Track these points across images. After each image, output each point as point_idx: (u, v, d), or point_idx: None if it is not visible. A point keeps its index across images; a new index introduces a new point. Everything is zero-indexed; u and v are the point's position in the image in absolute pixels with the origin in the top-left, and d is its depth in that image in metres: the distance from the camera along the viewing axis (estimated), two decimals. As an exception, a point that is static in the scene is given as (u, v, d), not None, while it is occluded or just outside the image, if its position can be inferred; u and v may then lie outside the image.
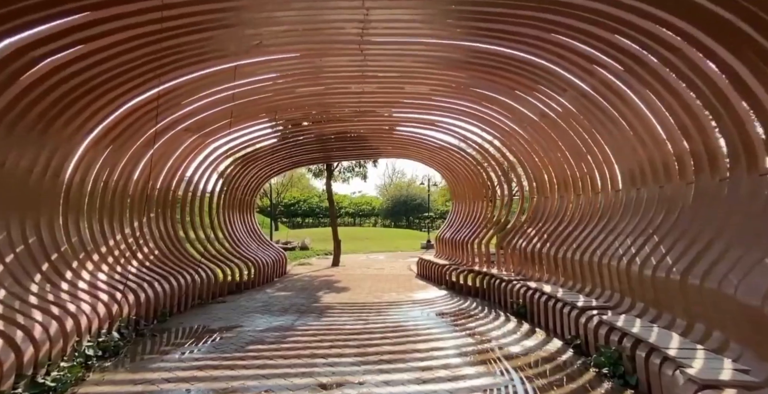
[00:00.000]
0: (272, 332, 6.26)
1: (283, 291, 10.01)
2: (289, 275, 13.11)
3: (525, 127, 7.99)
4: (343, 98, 8.76)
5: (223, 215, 10.80)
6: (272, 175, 13.24)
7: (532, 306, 6.98)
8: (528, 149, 8.60)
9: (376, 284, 11.20)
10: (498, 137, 9.12)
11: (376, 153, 13.22)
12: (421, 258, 12.90)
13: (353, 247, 24.63)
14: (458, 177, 12.22)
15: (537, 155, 8.43)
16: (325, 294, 9.64)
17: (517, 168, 9.65)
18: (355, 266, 15.68)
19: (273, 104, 8.35)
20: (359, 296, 9.32)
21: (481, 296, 9.17)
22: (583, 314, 5.34)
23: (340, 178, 17.63)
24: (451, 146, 10.85)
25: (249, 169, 11.35)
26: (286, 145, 11.11)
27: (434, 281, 11.37)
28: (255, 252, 11.28)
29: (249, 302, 8.65)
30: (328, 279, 12.14)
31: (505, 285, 8.15)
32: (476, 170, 11.10)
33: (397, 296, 9.39)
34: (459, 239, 11.43)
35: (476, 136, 9.66)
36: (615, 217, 6.22)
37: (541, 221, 8.54)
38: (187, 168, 8.97)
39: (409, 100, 8.75)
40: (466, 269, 10.03)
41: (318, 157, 13.15)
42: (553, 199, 8.38)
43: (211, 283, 8.75)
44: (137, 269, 7.03)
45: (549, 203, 8.51)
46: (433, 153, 11.69)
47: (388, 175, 66.45)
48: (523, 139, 8.43)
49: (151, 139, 7.22)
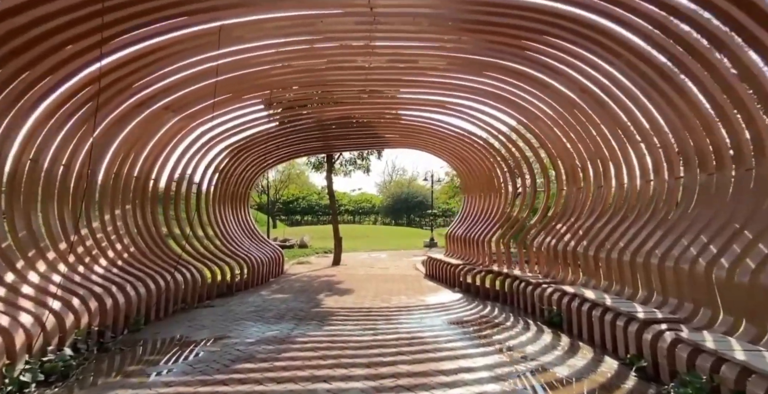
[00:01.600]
0: (264, 345, 5.22)
1: (280, 293, 8.97)
2: (287, 274, 12.07)
3: (557, 106, 6.94)
4: (347, 75, 7.69)
5: (213, 209, 9.74)
6: (268, 165, 12.18)
7: (569, 315, 5.95)
8: (559, 134, 7.55)
9: (382, 285, 10.16)
10: (522, 121, 8.06)
11: (381, 143, 12.15)
12: (430, 257, 11.86)
13: (354, 245, 23.63)
14: (472, 168, 11.16)
15: (569, 140, 7.38)
16: (326, 297, 8.60)
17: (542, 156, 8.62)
18: (357, 265, 14.65)
19: (266, 81, 7.28)
20: (365, 300, 8.28)
21: (502, 301, 8.14)
22: (648, 329, 4.31)
23: (341, 171, 16.55)
24: (465, 133, 9.78)
25: (242, 158, 10.29)
26: (283, 132, 10.04)
27: (446, 282, 10.33)
28: (249, 250, 10.24)
29: (240, 306, 7.61)
30: (329, 280, 11.11)
31: (533, 289, 7.12)
32: (493, 160, 10.05)
33: (407, 299, 8.36)
34: (473, 236, 10.39)
35: (496, 120, 8.60)
36: (678, 209, 5.18)
37: (573, 215, 7.50)
38: (170, 155, 7.90)
39: (422, 78, 7.68)
40: (483, 270, 8.99)
41: (318, 146, 12.08)
42: (588, 190, 7.34)
43: (198, 284, 7.70)
44: (106, 270, 5.98)
45: (582, 195, 7.47)
46: (445, 141, 10.63)
47: (388, 172, 65.46)
48: (553, 121, 7.37)
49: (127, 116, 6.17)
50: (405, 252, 21.36)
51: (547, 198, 8.53)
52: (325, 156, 15.65)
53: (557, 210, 8.17)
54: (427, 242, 26.50)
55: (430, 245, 26.06)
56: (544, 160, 8.72)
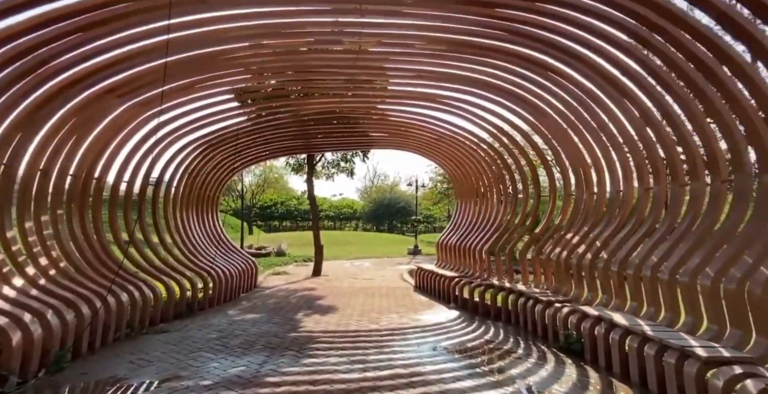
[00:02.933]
0: (225, 391, 4.07)
1: (250, 313, 7.76)
2: (261, 288, 10.82)
3: (570, 100, 6.09)
4: (333, 60, 6.66)
5: (174, 214, 8.46)
6: (242, 166, 10.95)
7: (593, 342, 5.04)
8: (570, 132, 6.71)
9: (368, 300, 9.08)
10: (527, 118, 7.19)
11: (367, 143, 11.12)
12: (421, 268, 10.86)
13: (335, 252, 22.42)
14: (468, 171, 10.27)
15: (582, 139, 6.55)
16: (305, 317, 7.45)
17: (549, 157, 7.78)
18: (340, 276, 13.50)
19: (232, 63, 6.16)
20: (351, 320, 7.18)
21: (505, 320, 7.19)
22: (717, 372, 3.40)
23: (323, 174, 15.41)
24: (461, 131, 8.87)
25: (210, 156, 9.05)
26: (257, 128, 8.89)
27: (439, 296, 9.34)
28: (215, 261, 8.97)
29: (201, 330, 6.38)
30: (308, 294, 9.93)
31: (543, 308, 6.20)
32: (491, 162, 9.16)
33: (399, 319, 7.30)
34: (468, 245, 9.45)
35: (497, 117, 7.71)
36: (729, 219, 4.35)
37: (586, 223, 6.64)
38: (118, 149, 6.64)
39: (416, 66, 6.72)
40: (482, 284, 8.04)
41: (297, 145, 10.96)
42: (602, 194, 6.51)
43: (149, 304, 6.43)
44: (21, 293, 4.69)
45: (596, 200, 6.63)
46: (439, 141, 9.70)
47: (369, 178, 64.49)
48: (564, 117, 6.53)
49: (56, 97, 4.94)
50: (389, 260, 20.33)
51: (553, 204, 7.69)
52: (306, 157, 14.52)
53: (565, 217, 7.33)
54: (411, 249, 25.56)
55: (414, 252, 25.13)
56: (550, 162, 7.89)
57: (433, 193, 38.00)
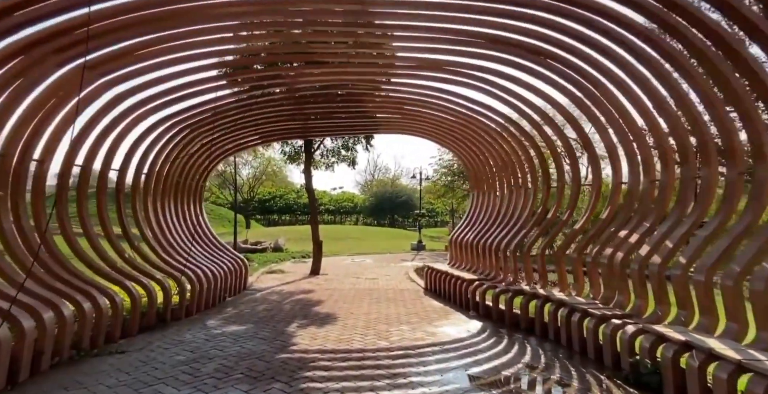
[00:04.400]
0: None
1: (234, 323, 6.51)
2: (252, 290, 9.57)
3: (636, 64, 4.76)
4: (334, 15, 5.32)
5: (145, 206, 7.17)
6: (229, 151, 9.63)
7: (678, 376, 3.80)
8: (626, 105, 5.39)
9: (374, 306, 7.83)
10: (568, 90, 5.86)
11: (371, 125, 9.79)
12: (431, 268, 9.61)
13: (335, 248, 21.21)
14: (487, 157, 8.95)
15: (644, 114, 5.23)
16: (299, 329, 6.20)
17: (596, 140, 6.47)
18: (341, 275, 12.26)
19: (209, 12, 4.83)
20: (354, 334, 5.93)
21: (540, 334, 5.94)
22: None
23: (322, 163, 14.09)
24: (483, 109, 7.53)
25: (189, 138, 7.73)
26: (245, 105, 7.57)
27: (454, 301, 8.10)
28: (196, 260, 7.71)
29: (168, 350, 5.13)
30: (305, 298, 8.69)
31: (596, 324, 4.95)
32: (517, 145, 7.84)
33: (411, 333, 6.05)
34: (488, 242, 8.17)
35: (530, 90, 6.37)
36: None
37: (647, 218, 5.35)
38: (65, 126, 5.32)
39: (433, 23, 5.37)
40: (509, 289, 6.77)
41: (293, 128, 9.64)
42: (670, 181, 5.21)
43: (104, 317, 5.17)
44: None
45: (664, 190, 5.32)
46: (457, 121, 8.35)
47: (370, 172, 63.13)
48: (621, 88, 5.20)
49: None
50: (392, 256, 19.10)
51: (597, 195, 6.38)
52: (303, 145, 13.21)
53: (613, 210, 6.04)
54: (414, 245, 24.33)
55: (418, 247, 23.91)
56: (594, 145, 6.57)
57: (436, 186, 36.73)
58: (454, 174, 33.09)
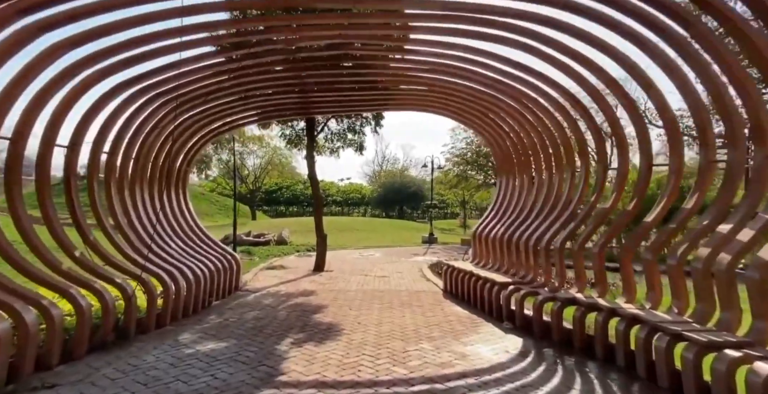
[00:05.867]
0: None
1: (214, 338, 5.23)
2: (244, 291, 8.33)
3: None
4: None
5: (108, 193, 5.86)
6: (219, 130, 8.28)
7: None
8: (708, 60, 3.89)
9: (386, 314, 6.51)
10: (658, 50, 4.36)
11: (382, 100, 8.33)
12: (452, 266, 8.25)
13: (342, 241, 20.01)
14: (518, 133, 7.48)
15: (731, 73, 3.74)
16: (292, 348, 4.91)
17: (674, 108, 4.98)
18: (347, 272, 10.99)
19: None
20: (361, 356, 4.62)
21: (604, 358, 4.56)
22: None
23: (326, 148, 12.71)
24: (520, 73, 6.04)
25: (161, 114, 6.37)
26: (232, 70, 6.18)
27: (482, 308, 6.74)
28: (176, 258, 6.45)
29: (114, 381, 3.86)
30: (305, 302, 7.41)
31: (700, 352, 3.55)
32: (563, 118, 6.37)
33: (435, 354, 4.71)
34: (525, 238, 6.75)
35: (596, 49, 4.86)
36: None
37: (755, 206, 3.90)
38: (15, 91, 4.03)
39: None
40: (558, 298, 5.38)
41: (292, 104, 8.26)
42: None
43: (31, 337, 3.91)
44: None
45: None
46: (484, 90, 6.87)
47: (378, 162, 61.62)
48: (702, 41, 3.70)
49: None
50: (402, 250, 17.82)
51: (678, 178, 4.89)
52: (305, 128, 11.83)
53: (702, 197, 4.58)
54: (425, 238, 23.00)
55: (430, 240, 22.57)
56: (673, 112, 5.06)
57: (447, 176, 35.14)
58: (468, 163, 31.52)
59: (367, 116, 11.97)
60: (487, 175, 32.76)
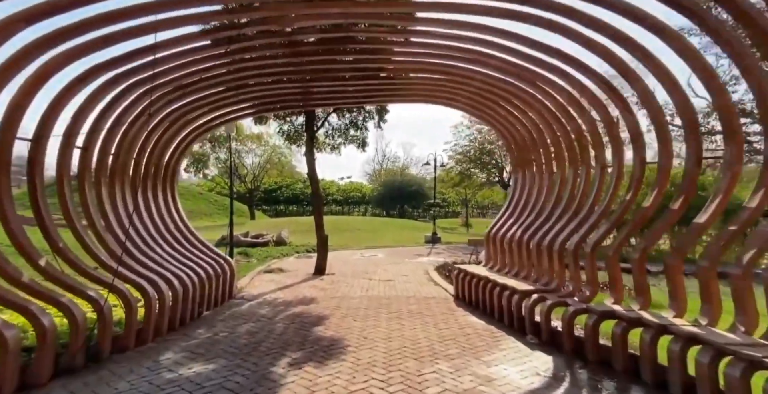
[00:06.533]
0: None
1: (199, 360, 4.57)
2: (239, 299, 7.67)
3: None
4: None
5: (81, 191, 5.20)
6: (210, 124, 7.61)
7: None
8: None
9: (394, 325, 5.85)
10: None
11: (388, 91, 7.66)
12: (465, 271, 7.59)
13: (343, 241, 19.39)
14: (537, 124, 6.82)
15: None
16: (290, 371, 4.25)
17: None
18: (349, 275, 10.34)
19: None
20: (370, 382, 3.95)
21: (654, 383, 3.90)
22: None
23: (326, 144, 12.04)
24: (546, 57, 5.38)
25: (141, 104, 5.70)
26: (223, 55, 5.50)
27: (500, 319, 6.09)
28: (160, 264, 5.78)
29: (81, 416, 3.23)
30: (304, 311, 6.75)
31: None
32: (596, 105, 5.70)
33: (455, 379, 4.05)
34: (549, 240, 6.08)
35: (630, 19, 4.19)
36: None
37: None
38: None
39: None
40: (593, 311, 4.72)
41: (290, 95, 7.58)
42: None
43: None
44: None
45: None
46: (499, 77, 6.21)
47: (378, 161, 60.91)
48: None
49: None
50: (405, 250, 17.21)
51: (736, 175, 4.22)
52: (305, 123, 11.17)
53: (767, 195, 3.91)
54: (428, 237, 22.36)
55: (433, 240, 21.93)
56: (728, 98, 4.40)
57: (449, 175, 34.45)
58: (471, 160, 30.85)
59: (371, 110, 11.30)
60: (490, 174, 32.10)
